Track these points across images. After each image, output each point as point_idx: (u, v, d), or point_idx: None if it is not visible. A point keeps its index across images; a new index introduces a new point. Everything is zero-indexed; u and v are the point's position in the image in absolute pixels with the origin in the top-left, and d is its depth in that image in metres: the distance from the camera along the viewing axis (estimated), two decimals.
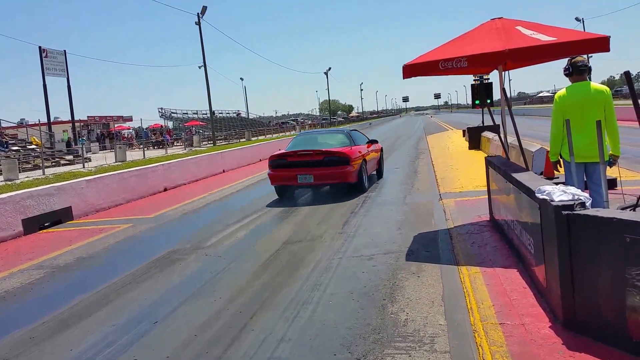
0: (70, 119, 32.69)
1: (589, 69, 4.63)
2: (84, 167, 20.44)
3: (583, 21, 50.02)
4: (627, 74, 3.29)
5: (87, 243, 7.63)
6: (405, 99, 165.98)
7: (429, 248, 5.60)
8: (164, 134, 39.40)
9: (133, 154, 27.15)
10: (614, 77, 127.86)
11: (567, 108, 4.58)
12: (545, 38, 5.44)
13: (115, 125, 52.18)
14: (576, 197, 3.25)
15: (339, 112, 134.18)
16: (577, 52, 5.35)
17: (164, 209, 10.17)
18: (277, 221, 7.95)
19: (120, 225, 8.89)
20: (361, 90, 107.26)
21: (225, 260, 5.94)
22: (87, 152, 25.90)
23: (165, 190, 13.33)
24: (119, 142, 33.52)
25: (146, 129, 46.85)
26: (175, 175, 14.22)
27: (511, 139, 8.17)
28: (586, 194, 3.33)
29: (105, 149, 34.69)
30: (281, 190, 10.36)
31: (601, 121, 4.18)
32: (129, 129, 52.29)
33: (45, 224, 9.21)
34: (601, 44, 5.30)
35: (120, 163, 20.99)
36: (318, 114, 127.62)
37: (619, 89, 59.95)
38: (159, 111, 53.60)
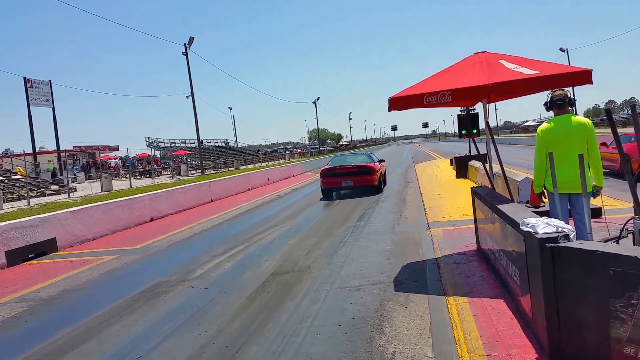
0: (55, 148, 32.51)
1: (571, 102, 4.70)
2: (69, 197, 20.23)
3: (567, 52, 50.80)
4: (607, 111, 3.40)
5: (72, 275, 7.51)
6: (394, 128, 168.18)
7: (417, 278, 5.59)
8: (152, 163, 39.27)
9: (119, 184, 26.95)
10: (599, 106, 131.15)
11: (549, 141, 4.67)
12: (528, 72, 5.58)
13: (102, 155, 51.87)
14: (560, 229, 3.30)
15: (327, 141, 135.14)
16: (560, 85, 5.48)
17: (150, 240, 10.07)
18: (264, 251, 7.91)
19: (106, 256, 8.77)
20: (350, 119, 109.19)
21: (211, 292, 5.87)
22: (72, 181, 25.67)
23: (151, 220, 13.22)
24: (105, 171, 33.27)
25: (133, 158, 46.63)
26: (162, 205, 14.14)
27: (497, 169, 8.30)
28: (570, 226, 3.39)
29: (92, 179, 34.40)
30: (328, 192, 15.53)
31: (583, 154, 4.27)
32: (115, 158, 52.00)
33: (29, 256, 9.06)
34: (584, 77, 5.40)
35: (106, 193, 20.82)
36: (307, 142, 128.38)
37: (604, 117, 61.24)
38: (146, 140, 53.51)
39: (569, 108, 4.71)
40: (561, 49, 51.61)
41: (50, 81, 31.01)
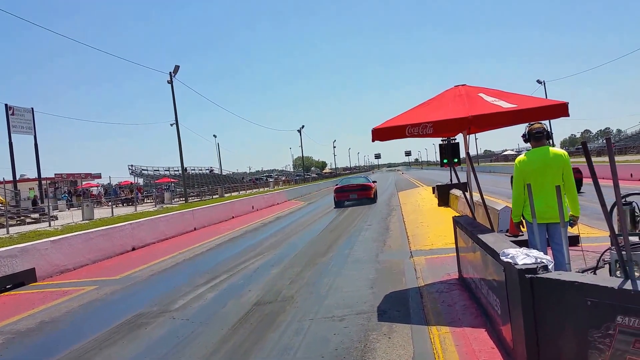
0: (37, 176, 32.05)
1: (548, 134, 4.86)
2: (50, 225, 19.87)
3: (544, 83, 52.15)
4: (583, 144, 3.53)
5: (50, 306, 7.34)
6: (378, 156, 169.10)
7: (400, 307, 5.60)
8: (134, 190, 38.87)
9: (101, 212, 26.59)
10: (575, 135, 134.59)
11: (526, 173, 4.80)
12: (506, 105, 5.76)
13: (84, 183, 51.25)
14: (539, 260, 3.36)
15: (312, 169, 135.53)
16: (537, 118, 5.66)
17: (131, 270, 9.92)
18: (248, 281, 7.84)
19: (86, 287, 8.60)
20: (334, 147, 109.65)
21: (193, 323, 5.77)
22: (54, 210, 25.24)
23: (133, 249, 13.03)
24: (86, 199, 32.81)
25: (115, 186, 46.13)
26: (144, 234, 13.96)
27: (477, 197, 8.43)
28: (549, 257, 3.45)
29: (73, 207, 33.88)
30: (340, 202, 22.04)
31: (560, 185, 4.39)
32: (97, 186, 51.37)
33: (7, 287, 8.84)
34: (560, 109, 5.59)
35: (87, 221, 20.50)
36: (292, 170, 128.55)
37: (580, 146, 62.69)
38: (129, 168, 53.10)
39: (546, 140, 4.86)
40: (538, 81, 52.87)
41: (32, 108, 30.81)
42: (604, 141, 64.29)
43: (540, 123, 4.91)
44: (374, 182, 24.02)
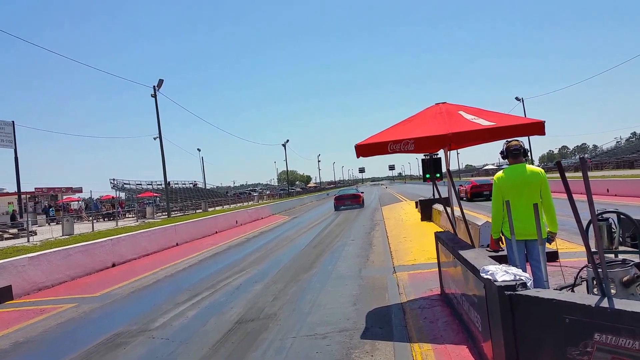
0: (16, 190, 31.44)
1: (525, 152, 4.93)
2: (28, 241, 19.46)
3: (523, 101, 52.61)
4: (558, 163, 3.59)
5: (27, 325, 7.15)
6: (362, 170, 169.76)
7: (383, 324, 5.59)
8: (116, 205, 38.33)
9: (82, 227, 26.13)
10: (552, 152, 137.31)
11: (504, 189, 4.87)
12: (485, 123, 5.87)
13: (64, 197, 50.38)
14: (518, 277, 3.39)
15: (297, 183, 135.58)
16: (514, 135, 5.77)
17: (111, 287, 9.74)
18: (230, 298, 7.75)
19: (64, 305, 8.41)
20: (319, 161, 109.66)
21: (173, 343, 5.67)
22: (33, 224, 24.74)
23: (113, 265, 12.80)
24: (66, 214, 32.23)
25: (96, 200, 45.43)
26: (125, 250, 13.74)
27: (459, 212, 8.50)
28: (527, 274, 3.49)
29: (53, 222, 33.25)
30: (338, 206, 29.84)
31: (538, 202, 4.45)
32: (78, 200, 50.56)
33: None
34: (537, 128, 5.71)
35: (67, 237, 20.13)
36: (276, 184, 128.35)
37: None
38: (111, 182, 52.48)
39: (523, 157, 4.93)
40: (517, 98, 53.07)
41: (13, 122, 30.33)
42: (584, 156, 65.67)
43: (518, 140, 4.99)
44: (361, 192, 34.43)
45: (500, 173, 5.04)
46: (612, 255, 4.77)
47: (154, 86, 32.55)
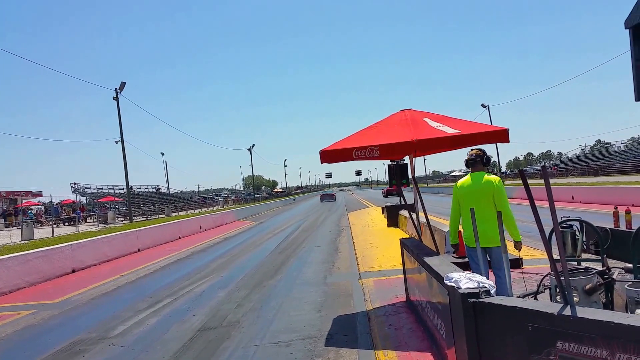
0: None
1: (485, 160, 4.97)
2: None
3: (488, 107, 52.50)
4: (520, 172, 3.64)
5: None
6: (329, 175, 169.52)
7: (348, 331, 5.55)
8: (77, 210, 37.01)
9: (42, 232, 25.14)
10: (518, 158, 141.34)
11: (460, 196, 4.97)
12: (450, 130, 5.94)
13: (24, 201, 48.43)
14: (481, 284, 3.39)
15: (263, 188, 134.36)
16: (479, 143, 5.87)
17: (71, 293, 9.42)
18: (192, 306, 7.56)
19: (21, 311, 8.07)
20: (285, 166, 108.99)
21: (133, 351, 5.50)
22: None
23: (73, 272, 12.36)
24: (25, 218, 30.91)
25: (57, 204, 43.81)
26: (85, 256, 13.26)
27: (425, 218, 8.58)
28: (491, 282, 3.51)
29: (12, 226, 31.81)
30: (322, 200, 60.07)
31: (494, 210, 4.49)
32: (38, 204, 48.61)
33: None
34: (501, 135, 5.83)
35: (26, 242, 19.31)
36: (242, 189, 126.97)
37: (524, 169, 65.35)
38: (72, 186, 50.72)
39: (483, 166, 4.97)
40: (483, 105, 52.90)
41: None
42: (548, 164, 67.24)
43: (478, 149, 5.04)
44: (334, 192, 67.73)
45: (460, 180, 5.11)
46: (576, 263, 4.87)
47: (116, 89, 31.64)
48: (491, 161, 5.21)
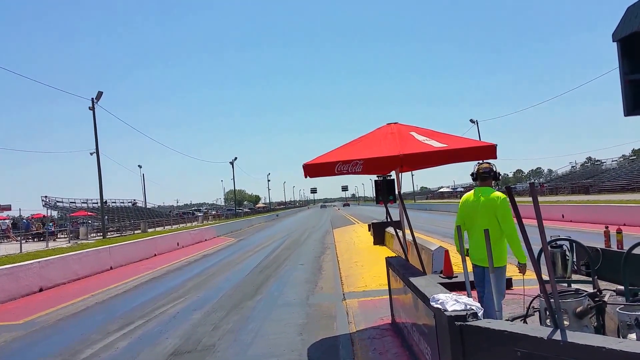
0: None
1: (495, 175, 4.78)
2: None
3: (477, 123, 51.72)
4: (507, 188, 3.49)
5: None
6: (314, 191, 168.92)
7: (330, 356, 5.29)
8: (47, 224, 35.86)
9: (9, 247, 24.23)
10: (507, 175, 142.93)
11: (463, 212, 4.80)
12: (437, 144, 5.78)
13: None
14: (468, 306, 3.21)
15: (245, 202, 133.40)
16: (466, 158, 5.73)
17: (37, 314, 8.98)
18: (165, 328, 7.17)
19: None
20: (268, 181, 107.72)
21: None
22: None
23: (41, 290, 11.82)
24: None
25: (26, 219, 42.45)
26: (54, 273, 12.70)
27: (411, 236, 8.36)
28: (478, 304, 3.32)
29: None
30: (322, 207, 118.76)
31: (489, 229, 4.27)
32: (6, 218, 47.02)
33: None
34: (489, 151, 5.70)
35: None
36: (223, 203, 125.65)
37: (513, 186, 65.51)
38: (43, 200, 49.29)
39: (492, 181, 4.80)
40: (471, 120, 52.06)
41: None
42: (538, 182, 67.19)
43: (489, 163, 4.88)
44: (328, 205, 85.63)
45: (466, 194, 4.93)
46: (566, 284, 4.70)
47: (92, 98, 30.91)
48: (500, 177, 5.02)
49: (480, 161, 5.00)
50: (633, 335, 3.08)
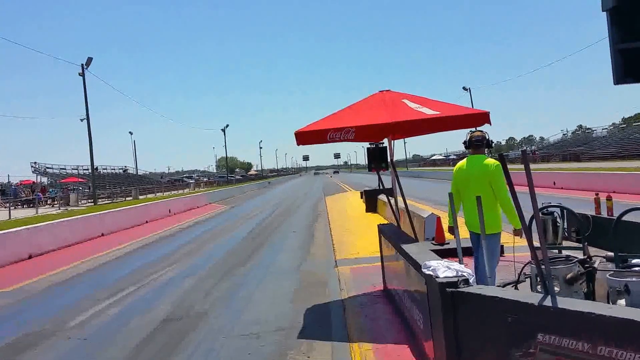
0: None
1: (488, 143, 4.74)
2: None
3: (470, 90, 51.31)
4: (500, 156, 3.44)
5: None
6: (306, 158, 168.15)
7: (322, 323, 5.32)
8: (36, 191, 35.54)
9: None
10: (500, 142, 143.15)
11: (457, 179, 4.78)
12: (429, 112, 5.70)
13: None
14: (460, 273, 3.21)
15: (237, 170, 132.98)
16: (459, 126, 5.67)
17: (26, 281, 8.94)
18: (157, 295, 7.19)
19: None
20: (260, 148, 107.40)
21: (91, 344, 5.17)
22: None
23: (30, 257, 11.77)
24: None
25: (15, 185, 42.02)
26: (44, 240, 12.64)
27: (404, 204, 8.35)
28: (469, 270, 3.32)
29: None
30: (316, 174, 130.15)
31: (481, 196, 4.26)
32: None
33: None
34: (482, 118, 5.65)
35: None
36: (215, 171, 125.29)
37: (505, 154, 65.69)
38: (32, 166, 48.72)
39: (485, 149, 4.76)
40: (464, 88, 51.63)
41: None
42: (529, 149, 67.39)
43: (481, 131, 4.83)
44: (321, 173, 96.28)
45: (459, 162, 4.90)
46: (557, 251, 4.71)
47: (82, 64, 30.31)
48: (493, 144, 4.97)
49: (473, 129, 4.92)
50: (622, 301, 3.09)
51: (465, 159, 4.84)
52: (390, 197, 6.31)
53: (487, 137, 4.73)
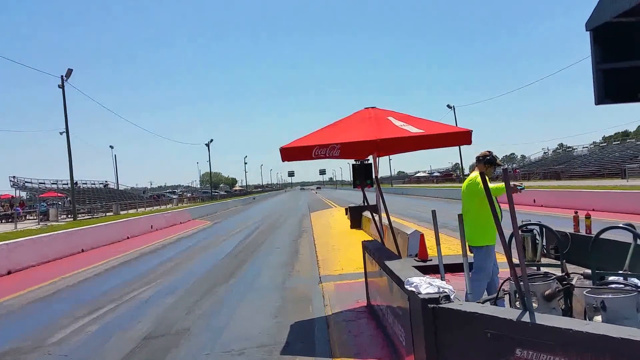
0: None
1: (488, 160, 5.02)
2: None
3: (454, 108, 52.58)
4: (482, 174, 3.54)
5: None
6: (291, 174, 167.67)
7: (305, 339, 5.30)
8: (15, 206, 34.83)
9: None
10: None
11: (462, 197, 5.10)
12: (414, 130, 5.79)
13: None
14: (441, 289, 3.26)
15: (221, 185, 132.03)
16: (442, 144, 5.81)
17: (4, 297, 8.80)
18: (138, 312, 7.08)
19: None
20: (245, 163, 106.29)
21: None
22: None
23: (9, 273, 11.55)
24: None
25: None
26: (22, 256, 12.40)
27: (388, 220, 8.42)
28: (451, 287, 3.37)
29: None
30: (301, 189, 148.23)
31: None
32: None
33: None
34: (464, 137, 5.79)
35: None
36: (199, 186, 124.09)
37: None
38: (11, 180, 47.84)
39: (485, 166, 5.01)
40: (448, 106, 52.74)
41: None
42: (510, 167, 68.27)
43: (490, 151, 5.08)
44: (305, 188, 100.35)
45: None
46: (535, 268, 4.78)
47: (62, 76, 29.93)
48: (496, 162, 5.11)
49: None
50: (599, 318, 3.14)
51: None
52: (374, 214, 6.36)
53: (488, 155, 4.97)
